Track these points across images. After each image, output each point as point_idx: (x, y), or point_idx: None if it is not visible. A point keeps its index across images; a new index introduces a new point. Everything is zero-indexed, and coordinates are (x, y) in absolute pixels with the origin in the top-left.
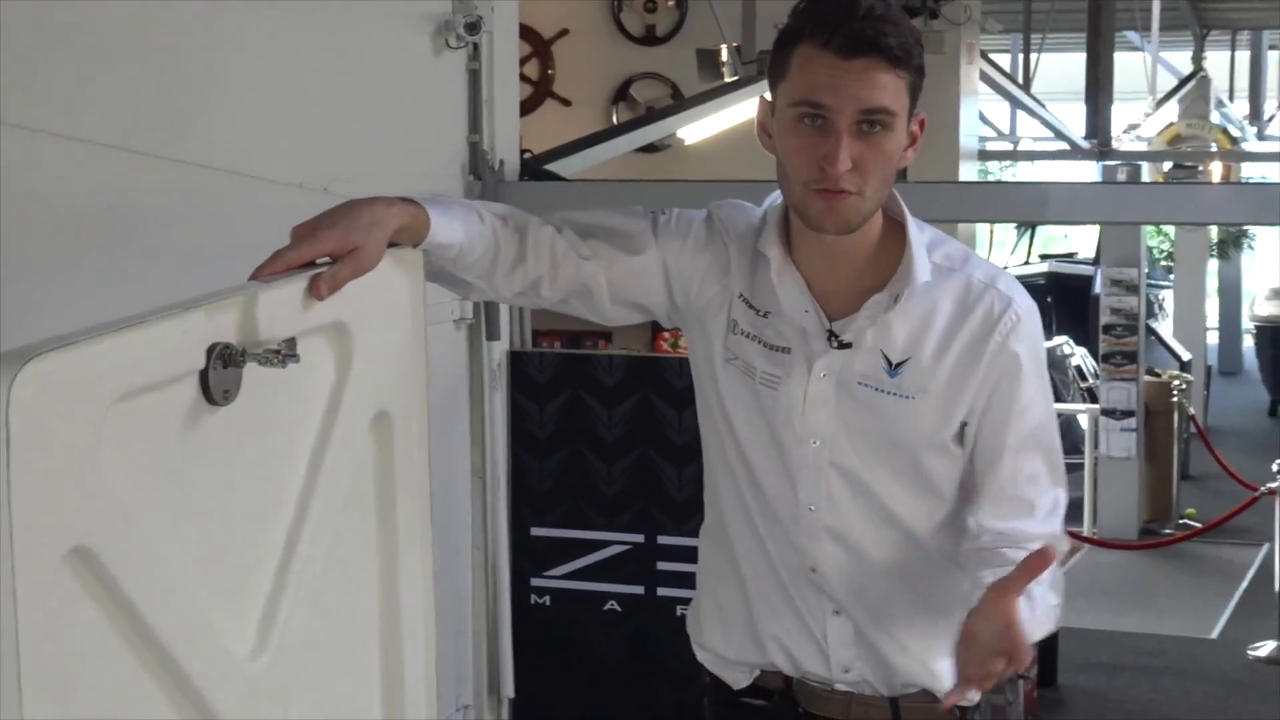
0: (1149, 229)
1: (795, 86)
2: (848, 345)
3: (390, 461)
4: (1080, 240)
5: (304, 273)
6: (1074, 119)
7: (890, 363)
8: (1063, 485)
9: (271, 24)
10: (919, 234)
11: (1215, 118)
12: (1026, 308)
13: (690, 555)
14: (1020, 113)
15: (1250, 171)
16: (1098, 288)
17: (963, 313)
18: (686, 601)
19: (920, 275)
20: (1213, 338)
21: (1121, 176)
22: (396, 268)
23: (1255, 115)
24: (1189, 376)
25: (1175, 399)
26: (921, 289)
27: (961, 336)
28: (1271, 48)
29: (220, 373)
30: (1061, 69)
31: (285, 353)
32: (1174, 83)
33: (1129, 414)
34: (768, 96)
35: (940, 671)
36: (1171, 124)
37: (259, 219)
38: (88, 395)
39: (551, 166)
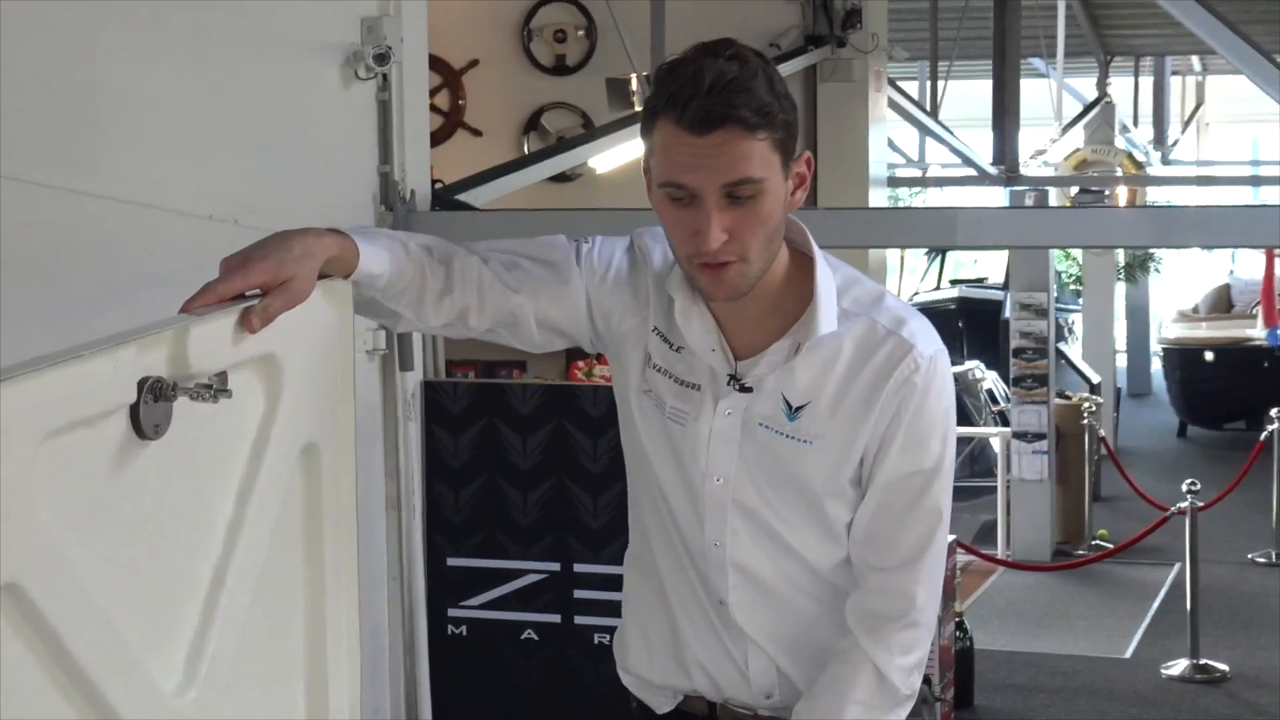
0: (1057, 253)
1: (660, 166)
2: (749, 390)
3: (318, 493)
4: (990, 265)
5: (235, 305)
6: (981, 145)
7: (790, 406)
8: (936, 569)
9: (179, 55)
10: (829, 276)
11: (1120, 143)
12: (929, 354)
13: (607, 583)
14: (928, 139)
15: (1155, 195)
16: (1007, 312)
17: (863, 359)
18: (604, 629)
19: (824, 326)
20: (1122, 360)
21: (1029, 201)
22: (326, 299)
23: (1159, 140)
24: (1099, 399)
25: (1086, 421)
26: (826, 335)
27: (859, 383)
28: (1174, 73)
29: (151, 407)
30: (968, 96)
31: (217, 388)
32: (1079, 109)
33: (1040, 437)
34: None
35: None
36: (1077, 149)
37: (168, 251)
38: (19, 432)
39: (463, 196)
